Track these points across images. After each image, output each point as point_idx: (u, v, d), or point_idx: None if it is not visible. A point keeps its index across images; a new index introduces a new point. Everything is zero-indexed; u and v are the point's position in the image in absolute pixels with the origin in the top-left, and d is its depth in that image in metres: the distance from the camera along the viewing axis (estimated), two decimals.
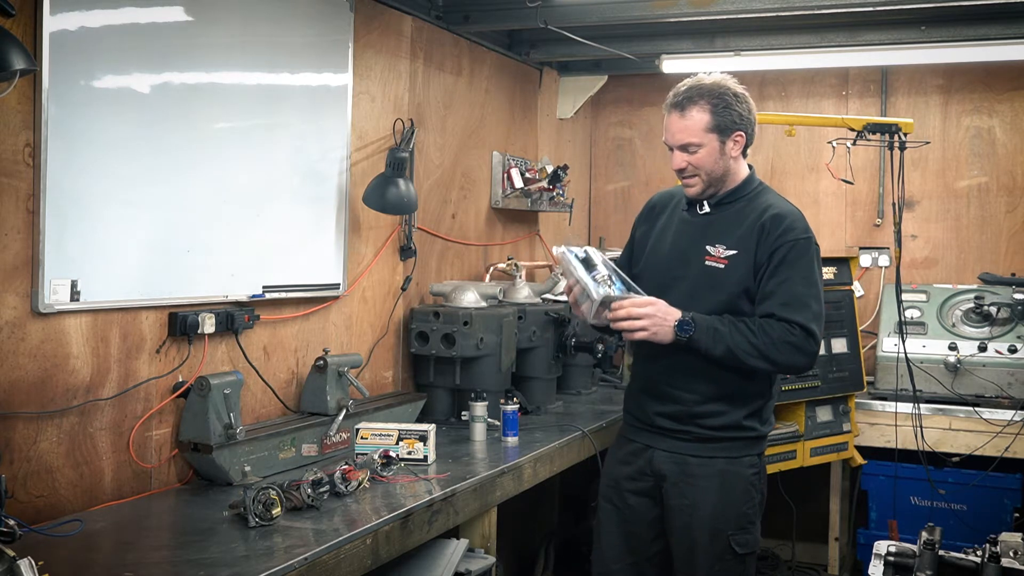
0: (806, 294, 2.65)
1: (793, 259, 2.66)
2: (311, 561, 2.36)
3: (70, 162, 2.62)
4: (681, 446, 2.79)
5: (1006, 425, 4.31)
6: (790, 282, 2.64)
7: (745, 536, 2.75)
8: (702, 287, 2.73)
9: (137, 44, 2.83)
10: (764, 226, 2.70)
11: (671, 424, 2.80)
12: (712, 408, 2.75)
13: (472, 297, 4.07)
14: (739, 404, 2.75)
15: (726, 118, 2.69)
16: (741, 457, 2.76)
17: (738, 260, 2.71)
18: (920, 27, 4.38)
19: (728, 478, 2.75)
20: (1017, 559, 2.33)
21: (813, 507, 4.97)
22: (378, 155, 3.92)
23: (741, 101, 2.73)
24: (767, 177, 5.55)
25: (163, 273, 2.94)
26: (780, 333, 2.61)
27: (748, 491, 2.76)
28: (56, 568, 2.16)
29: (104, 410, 2.79)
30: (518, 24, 4.53)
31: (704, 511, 2.74)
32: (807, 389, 4.28)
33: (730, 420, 2.74)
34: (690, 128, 2.70)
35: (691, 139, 2.71)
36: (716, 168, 2.74)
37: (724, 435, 2.75)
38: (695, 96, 2.70)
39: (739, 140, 2.74)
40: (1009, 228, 5.13)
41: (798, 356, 2.64)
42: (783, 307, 2.62)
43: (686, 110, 2.70)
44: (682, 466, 2.78)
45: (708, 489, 2.74)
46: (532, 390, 4.23)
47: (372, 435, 3.30)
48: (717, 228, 2.77)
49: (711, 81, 2.73)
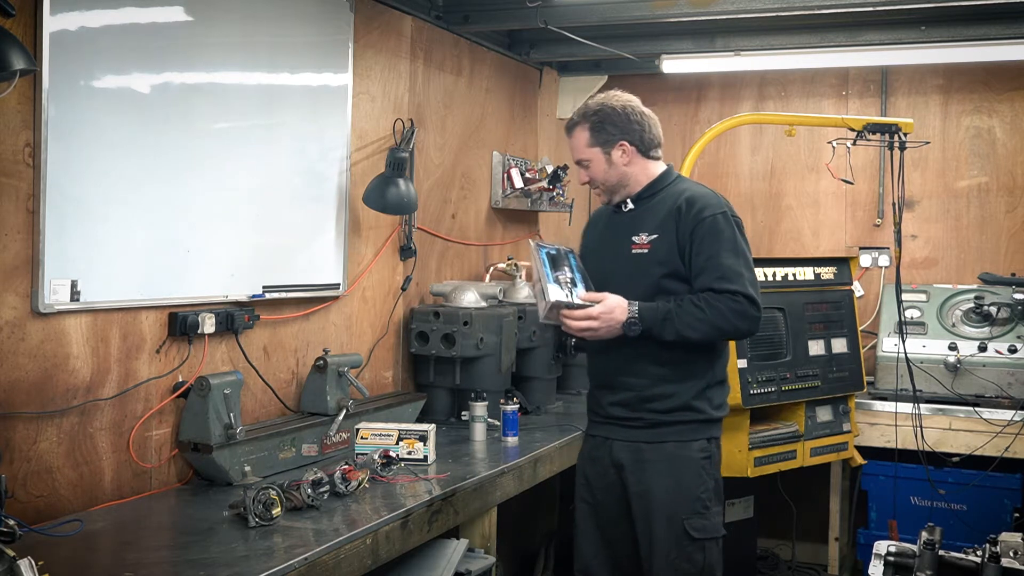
0: (736, 264, 2.78)
1: (715, 233, 2.79)
2: (311, 561, 2.36)
3: (70, 162, 2.62)
4: (634, 433, 2.88)
5: (1006, 425, 4.31)
6: (718, 256, 2.77)
7: (701, 521, 2.81)
8: (633, 274, 2.88)
9: (137, 44, 2.83)
10: (680, 208, 2.84)
11: (624, 412, 2.90)
12: (662, 390, 2.84)
13: (472, 297, 4.07)
14: (687, 384, 2.84)
15: (603, 132, 2.91)
16: (690, 441, 2.84)
17: (659, 243, 2.85)
18: (920, 27, 4.38)
19: (678, 462, 2.83)
20: (1017, 559, 2.33)
21: (813, 507, 4.97)
22: (378, 155, 3.92)
23: (618, 113, 2.92)
24: (767, 177, 5.56)
25: (163, 273, 2.94)
26: (726, 303, 2.74)
27: (699, 475, 2.83)
28: (56, 568, 2.16)
29: (104, 410, 2.79)
30: (518, 24, 4.53)
31: (658, 496, 2.82)
32: (807, 389, 4.28)
33: (679, 401, 2.83)
34: (577, 147, 2.96)
35: (580, 156, 2.96)
36: (608, 177, 2.94)
37: (673, 418, 2.84)
38: (576, 118, 2.96)
39: (625, 147, 2.91)
40: (1009, 228, 5.13)
41: (745, 322, 2.78)
42: (719, 280, 2.75)
43: (572, 132, 2.98)
44: (636, 453, 2.87)
45: (660, 473, 2.82)
46: (532, 390, 4.23)
47: (372, 435, 3.30)
48: (639, 220, 2.93)
49: (595, 101, 2.97)
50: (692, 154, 4.47)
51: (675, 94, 5.65)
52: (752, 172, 5.59)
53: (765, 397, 4.01)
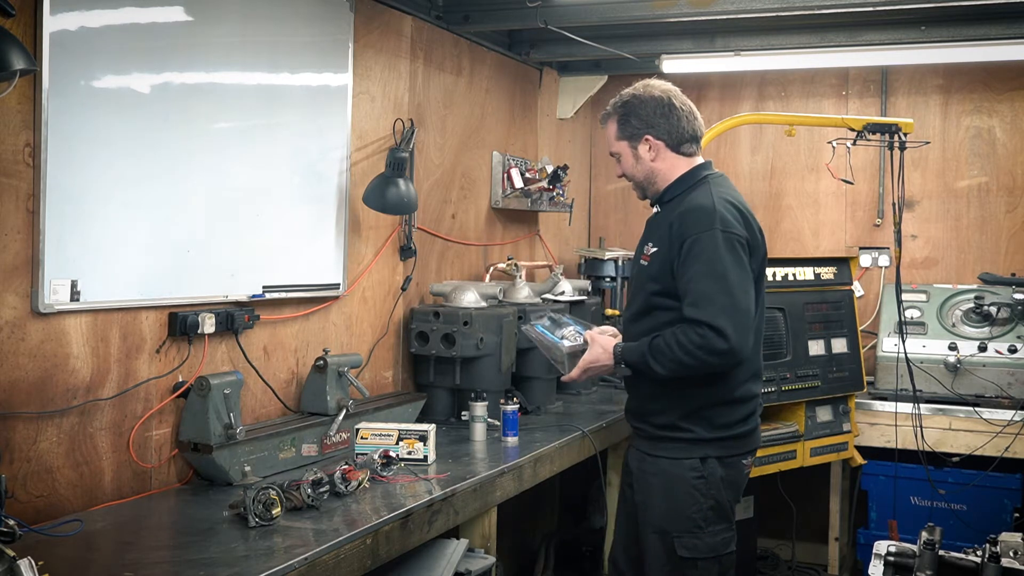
0: (712, 289, 2.63)
1: (696, 254, 2.66)
2: (311, 561, 2.36)
3: (70, 162, 2.62)
4: (640, 443, 2.92)
5: (1006, 425, 4.31)
6: (695, 280, 2.65)
7: (692, 540, 2.75)
8: (637, 287, 2.89)
9: (137, 44, 2.83)
10: (673, 223, 2.75)
11: (633, 421, 2.96)
12: (654, 407, 2.85)
13: (472, 297, 4.07)
14: (674, 406, 2.79)
15: (629, 125, 2.85)
16: (682, 459, 2.78)
17: (656, 257, 2.79)
18: (920, 27, 4.38)
19: (670, 479, 2.79)
20: (1017, 559, 2.33)
21: (813, 507, 4.97)
22: (378, 155, 3.92)
23: (646, 105, 2.82)
24: (767, 177, 5.55)
25: (163, 273, 2.94)
26: (690, 337, 2.62)
27: (691, 495, 2.75)
28: (56, 568, 2.16)
29: (104, 410, 2.79)
30: (518, 24, 4.53)
31: (651, 509, 2.82)
32: (807, 389, 4.28)
33: (667, 420, 2.81)
34: (609, 140, 2.93)
35: (612, 149, 2.93)
36: (637, 172, 2.89)
37: (665, 435, 2.82)
38: (609, 110, 2.91)
39: (651, 141, 2.83)
40: (1009, 228, 5.13)
41: (712, 356, 2.61)
42: (690, 307, 2.64)
43: (605, 124, 2.93)
44: (640, 462, 2.90)
45: (654, 486, 2.82)
46: (532, 390, 4.23)
47: (372, 435, 3.30)
48: (655, 227, 2.87)
49: (628, 91, 2.89)
50: None
51: None
52: (752, 172, 5.59)
53: (765, 397, 4.01)
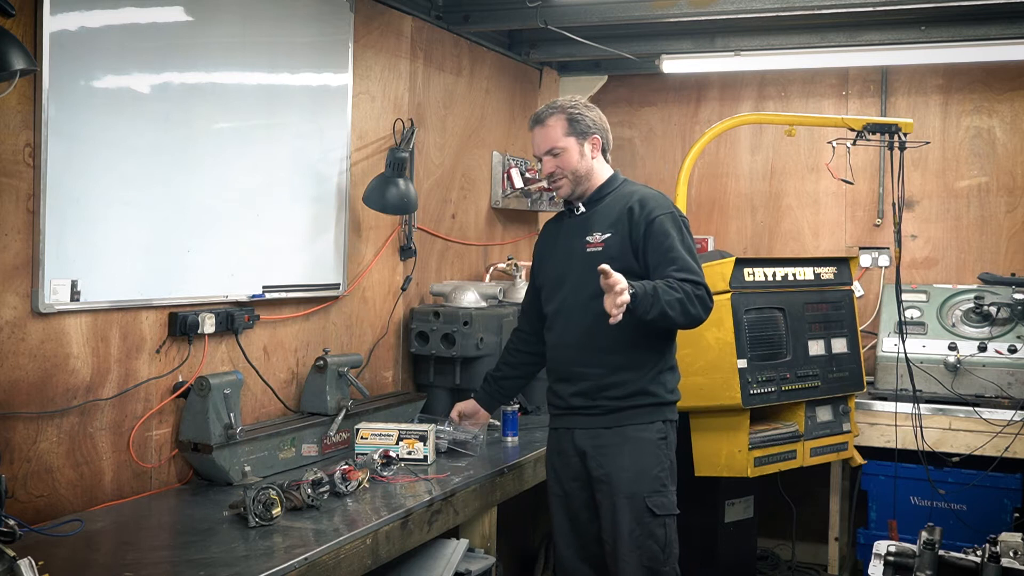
0: (690, 259, 2.94)
1: (667, 231, 2.96)
2: (311, 561, 2.36)
3: (70, 162, 2.62)
4: (594, 421, 3.02)
5: (1006, 425, 4.31)
6: (674, 250, 2.93)
7: (661, 499, 2.96)
8: (587, 272, 2.95)
9: (137, 44, 2.83)
10: (632, 209, 3.00)
11: (583, 402, 3.04)
12: (618, 378, 2.99)
13: (472, 297, 4.07)
14: (643, 371, 3.00)
15: (580, 124, 3.07)
16: (649, 423, 3.00)
17: (613, 240, 3.01)
18: (920, 27, 4.38)
19: (637, 444, 2.97)
20: (1017, 559, 2.33)
21: (813, 507, 4.97)
22: (378, 155, 3.92)
23: (592, 110, 3.12)
24: (767, 177, 5.56)
25: (163, 273, 2.94)
26: (692, 289, 2.87)
27: (657, 455, 2.98)
28: (56, 568, 2.17)
29: (104, 410, 2.79)
30: (518, 24, 4.53)
31: (620, 477, 2.96)
32: (807, 389, 4.27)
33: (635, 387, 2.99)
34: (551, 135, 3.08)
35: (554, 144, 3.07)
36: (580, 167, 3.08)
37: (630, 403, 2.99)
38: (550, 110, 3.11)
39: (596, 142, 3.10)
40: (1009, 228, 5.12)
41: (704, 311, 2.91)
42: (680, 271, 2.89)
43: (545, 121, 3.09)
44: (596, 439, 3.01)
45: (620, 455, 2.97)
46: (532, 390, 4.22)
47: (372, 435, 3.30)
48: (591, 221, 3.09)
49: (563, 99, 3.17)
50: (692, 154, 4.46)
51: (675, 94, 5.65)
52: (752, 172, 5.59)
53: (765, 397, 4.01)
